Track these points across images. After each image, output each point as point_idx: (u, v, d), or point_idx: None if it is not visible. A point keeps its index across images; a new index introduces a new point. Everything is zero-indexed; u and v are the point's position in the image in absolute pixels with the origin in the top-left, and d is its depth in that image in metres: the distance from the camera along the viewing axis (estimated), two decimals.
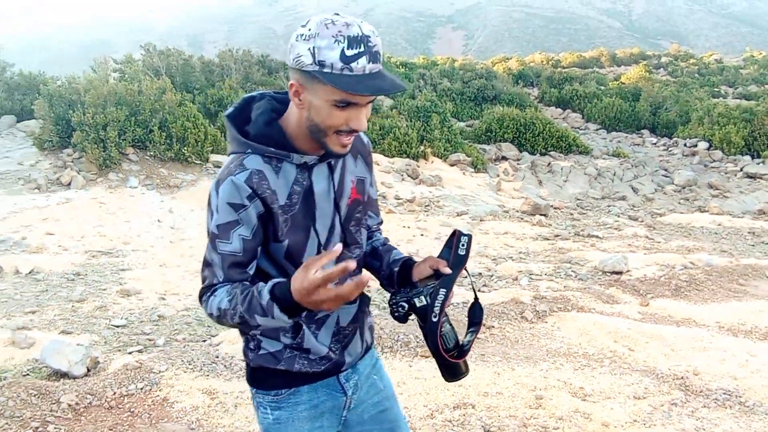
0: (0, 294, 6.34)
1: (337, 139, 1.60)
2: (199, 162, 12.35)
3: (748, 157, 16.49)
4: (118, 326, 5.63)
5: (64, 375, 4.44)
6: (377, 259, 1.97)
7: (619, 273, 7.72)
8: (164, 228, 9.39)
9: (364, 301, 1.91)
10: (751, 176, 15.30)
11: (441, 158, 15.30)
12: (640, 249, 9.42)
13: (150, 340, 5.34)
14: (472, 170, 15.08)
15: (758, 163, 15.94)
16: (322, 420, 1.85)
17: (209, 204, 1.66)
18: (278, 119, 1.70)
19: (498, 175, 15.08)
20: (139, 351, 5.05)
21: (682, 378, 4.54)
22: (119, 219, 9.55)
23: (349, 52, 1.49)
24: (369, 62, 1.51)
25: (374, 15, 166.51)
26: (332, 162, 1.73)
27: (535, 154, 17.23)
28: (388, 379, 2.06)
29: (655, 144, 20.65)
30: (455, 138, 16.52)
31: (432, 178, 13.60)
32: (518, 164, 16.26)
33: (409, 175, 13.68)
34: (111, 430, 3.75)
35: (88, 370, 4.54)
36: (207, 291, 1.67)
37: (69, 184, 11.01)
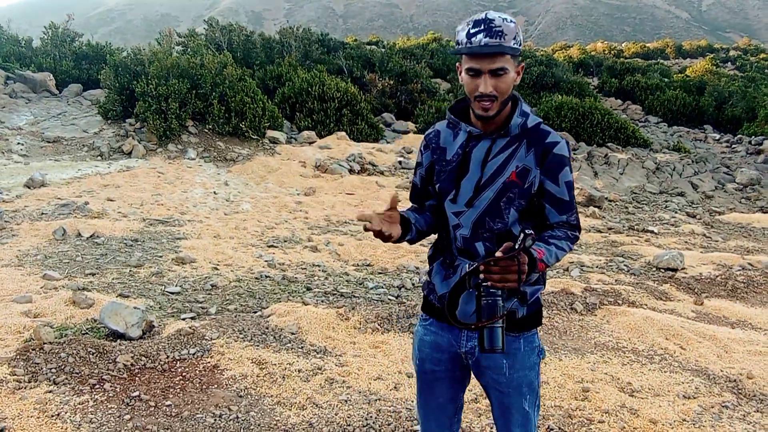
0: (63, 255, 6.55)
1: (478, 104, 1.97)
2: (255, 137, 12.49)
3: None
4: (172, 293, 5.75)
5: (121, 336, 4.56)
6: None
7: (674, 270, 7.52)
8: (219, 200, 9.56)
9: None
10: None
11: None
12: (697, 247, 9.14)
13: (203, 308, 5.43)
14: None
15: None
16: None
17: None
18: None
19: None
20: (192, 318, 5.14)
21: (734, 381, 4.40)
22: (176, 189, 9.76)
23: (472, 31, 1.92)
24: (485, 37, 1.90)
25: None
26: (496, 140, 2.07)
27: (592, 145, 16.84)
28: None
29: (717, 140, 19.94)
30: None
31: None
32: (575, 154, 15.93)
33: None
34: (163, 392, 3.85)
35: (143, 333, 4.65)
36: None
37: (130, 152, 11.31)
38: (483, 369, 2.16)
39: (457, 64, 2.05)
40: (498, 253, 1.88)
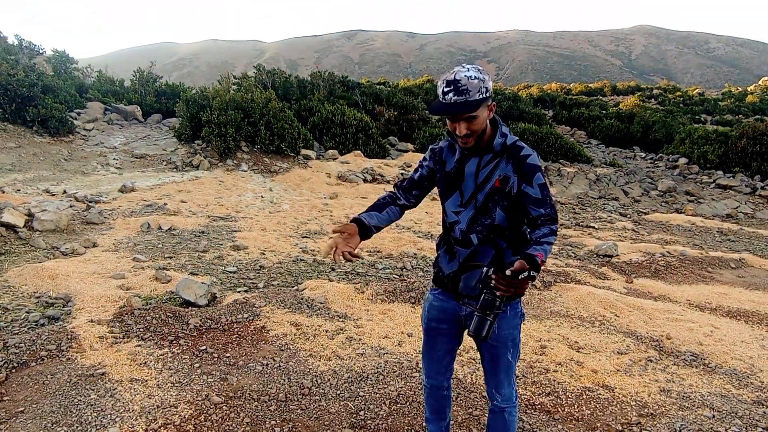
0: (148, 243, 6.59)
1: (459, 140, 2.05)
2: (292, 154, 12.50)
3: (720, 172, 15.59)
4: (230, 272, 5.77)
5: (192, 304, 4.58)
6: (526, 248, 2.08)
7: (610, 256, 7.49)
8: (266, 202, 9.57)
9: (478, 255, 2.26)
10: (722, 187, 14.48)
11: None
12: (628, 239, 9.10)
13: (253, 283, 5.45)
14: None
15: (729, 177, 15.06)
16: None
17: None
18: None
19: None
20: (246, 291, 5.16)
21: (657, 341, 4.38)
22: (233, 193, 9.78)
23: (444, 90, 1.95)
24: (454, 96, 1.93)
25: (426, 49, 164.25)
26: (482, 157, 2.10)
27: (548, 161, 16.75)
28: None
29: (644, 158, 19.78)
30: None
31: None
32: None
33: None
34: (224, 346, 3.86)
35: (209, 302, 4.67)
36: (392, 188, 2.40)
37: (198, 166, 11.33)
38: None
39: None
40: (508, 272, 1.85)
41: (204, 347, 3.78)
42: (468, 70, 1.92)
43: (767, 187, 14.09)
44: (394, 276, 5.99)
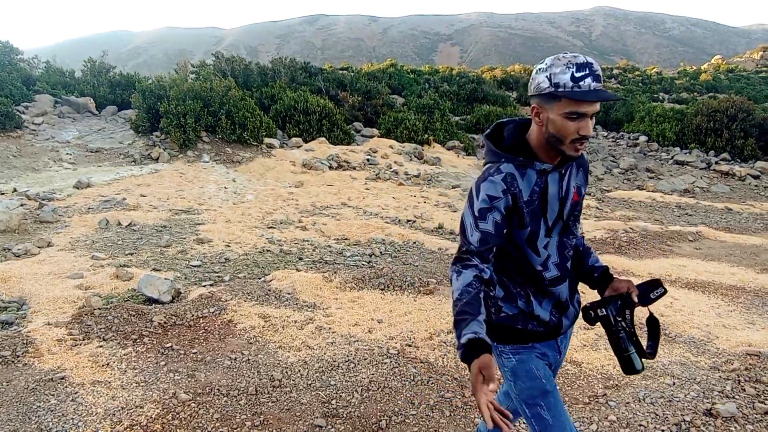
0: (107, 240, 6.39)
1: (572, 146, 1.62)
2: (255, 143, 12.28)
3: (678, 149, 16.13)
4: (195, 266, 5.65)
5: (155, 301, 4.48)
6: (579, 257, 1.92)
7: None
8: (229, 193, 9.40)
9: (574, 280, 1.89)
10: (680, 163, 14.99)
11: (441, 144, 15.11)
12: (592, 217, 9.33)
13: (219, 276, 5.36)
14: (464, 154, 14.89)
15: (685, 153, 15.60)
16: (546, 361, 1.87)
17: (470, 197, 1.69)
18: (524, 136, 1.73)
19: (484, 158, 14.89)
20: (211, 284, 5.07)
21: None
22: (195, 186, 9.57)
23: (577, 75, 1.54)
24: (593, 81, 1.55)
25: (390, 33, 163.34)
26: (563, 170, 1.73)
27: None
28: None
29: (606, 137, 20.25)
30: (452, 129, 16.29)
31: (433, 159, 13.47)
32: None
33: (416, 157, 13.55)
34: (190, 342, 3.80)
35: (173, 298, 4.58)
36: (460, 261, 1.66)
37: (157, 158, 11.02)
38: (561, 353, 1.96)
39: (533, 105, 1.65)
40: (652, 295, 1.79)
41: (169, 344, 3.70)
42: (580, 56, 1.58)
43: (721, 162, 14.65)
44: (363, 263, 5.98)
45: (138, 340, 3.72)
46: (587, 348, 3.86)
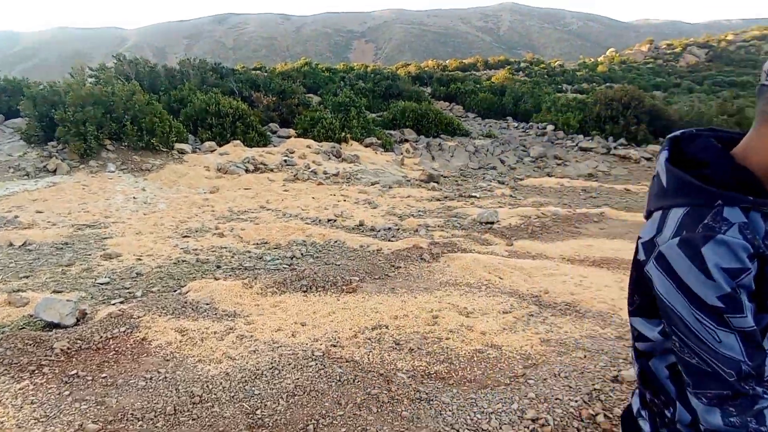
0: None
1: None
2: (165, 150, 11.69)
3: (581, 136, 17.24)
4: (102, 283, 5.28)
5: (57, 326, 4.14)
6: None
7: (492, 223, 7.96)
8: (138, 203, 8.88)
9: None
10: (584, 149, 16.03)
11: (358, 141, 15.15)
12: (507, 205, 9.73)
13: (130, 293, 5.04)
14: (382, 150, 15.04)
15: (588, 140, 16.71)
16: None
17: (682, 278, 0.98)
18: (732, 159, 1.05)
19: (402, 153, 15.12)
20: (121, 302, 4.76)
21: (536, 296, 4.75)
22: (100, 198, 8.95)
23: None
24: None
25: (304, 31, 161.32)
26: None
27: (429, 137, 17.36)
28: None
29: (516, 127, 21.23)
30: (369, 126, 16.38)
31: (351, 156, 13.48)
32: (416, 144, 16.35)
33: (334, 155, 13.49)
34: (98, 367, 3.53)
35: (78, 321, 4.25)
36: (737, 399, 0.97)
37: (55, 170, 10.18)
38: None
39: (762, 108, 1.00)
40: None
41: (74, 372, 3.42)
42: None
43: (619, 148, 15.84)
44: (284, 266, 5.87)
45: (36, 371, 3.41)
46: (506, 331, 4.02)
